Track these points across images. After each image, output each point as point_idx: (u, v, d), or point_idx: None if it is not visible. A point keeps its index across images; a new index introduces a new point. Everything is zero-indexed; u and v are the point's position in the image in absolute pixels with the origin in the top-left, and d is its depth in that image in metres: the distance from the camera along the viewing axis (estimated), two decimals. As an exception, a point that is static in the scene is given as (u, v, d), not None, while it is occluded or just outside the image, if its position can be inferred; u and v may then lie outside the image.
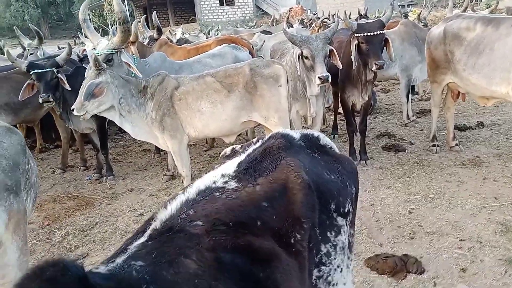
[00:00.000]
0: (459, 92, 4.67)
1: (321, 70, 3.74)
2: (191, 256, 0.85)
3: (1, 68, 5.54)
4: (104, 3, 27.82)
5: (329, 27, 8.49)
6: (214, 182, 1.07)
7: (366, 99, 4.55)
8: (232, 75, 3.74)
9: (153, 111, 3.78)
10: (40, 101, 4.04)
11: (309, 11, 30.76)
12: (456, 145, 4.81)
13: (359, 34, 4.13)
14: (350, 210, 1.26)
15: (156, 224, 0.95)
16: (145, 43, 6.39)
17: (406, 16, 12.48)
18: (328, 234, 1.17)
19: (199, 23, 30.34)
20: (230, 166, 1.12)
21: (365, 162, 4.68)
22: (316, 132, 1.33)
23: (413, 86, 7.28)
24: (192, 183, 1.10)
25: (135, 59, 4.49)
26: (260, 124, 4.05)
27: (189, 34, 15.54)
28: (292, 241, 1.02)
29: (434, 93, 4.88)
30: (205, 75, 3.82)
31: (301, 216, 1.03)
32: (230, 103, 3.75)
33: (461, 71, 4.19)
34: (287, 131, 1.26)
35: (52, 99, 4.07)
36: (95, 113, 3.68)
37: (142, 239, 0.91)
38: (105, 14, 28.04)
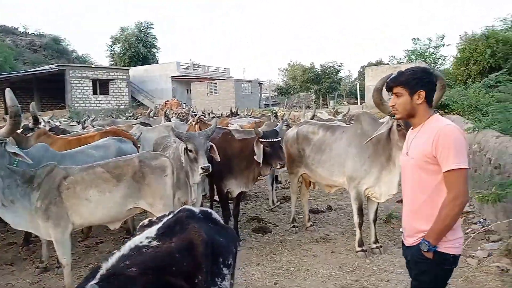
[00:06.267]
0: (310, 181, 5.80)
1: (203, 161, 4.43)
2: (131, 290, 1.29)
3: None
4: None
5: (205, 122, 9.60)
6: (141, 242, 1.54)
7: (249, 188, 5.35)
8: (122, 166, 4.14)
9: (39, 200, 3.88)
10: None
11: (184, 104, 32.60)
12: (311, 225, 5.81)
13: (265, 140, 4.95)
14: (232, 263, 1.82)
15: (102, 271, 1.37)
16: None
17: (276, 115, 14.35)
18: (217, 279, 1.68)
19: (69, 110, 29.44)
20: (152, 231, 1.62)
21: (238, 243, 5.29)
22: (210, 210, 1.92)
23: (276, 176, 8.48)
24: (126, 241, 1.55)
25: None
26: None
27: (59, 122, 15.13)
28: (196, 281, 1.51)
29: (291, 182, 5.95)
30: (95, 166, 4.14)
31: (202, 263, 1.54)
32: (118, 191, 4.09)
33: (311, 165, 5.32)
34: (190, 207, 1.81)
35: None
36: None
37: (94, 281, 1.32)
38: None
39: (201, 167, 4.41)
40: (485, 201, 4.01)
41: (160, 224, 1.67)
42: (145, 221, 1.82)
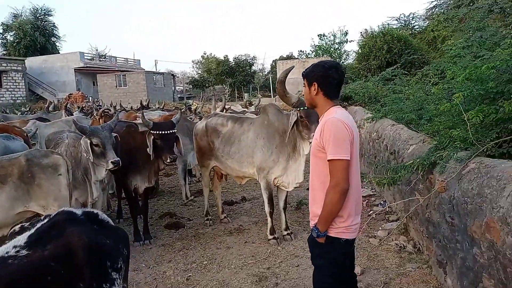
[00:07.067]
0: (222, 173, 5.73)
1: (112, 156, 4.12)
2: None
3: None
4: None
5: (110, 116, 9.04)
6: (7, 252, 1.31)
7: (153, 183, 5.10)
8: (6, 166, 3.67)
9: None
10: None
11: (90, 98, 30.53)
12: (225, 217, 5.76)
13: (155, 132, 4.71)
14: (123, 266, 1.66)
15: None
16: None
17: (189, 108, 13.99)
18: (104, 285, 1.52)
19: (-47, 106, 25.86)
20: (21, 239, 1.39)
21: (149, 241, 5.06)
22: (95, 210, 1.72)
23: (190, 170, 8.29)
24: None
25: None
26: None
27: None
28: (77, 289, 1.34)
29: (203, 175, 5.83)
30: (-28, 167, 3.61)
31: (84, 269, 1.37)
32: (3, 194, 3.63)
33: (221, 157, 5.25)
34: (70, 209, 1.61)
35: None
36: None
37: None
38: None
39: (111, 162, 4.11)
40: (381, 185, 4.29)
41: (32, 231, 1.46)
42: (17, 228, 1.58)
